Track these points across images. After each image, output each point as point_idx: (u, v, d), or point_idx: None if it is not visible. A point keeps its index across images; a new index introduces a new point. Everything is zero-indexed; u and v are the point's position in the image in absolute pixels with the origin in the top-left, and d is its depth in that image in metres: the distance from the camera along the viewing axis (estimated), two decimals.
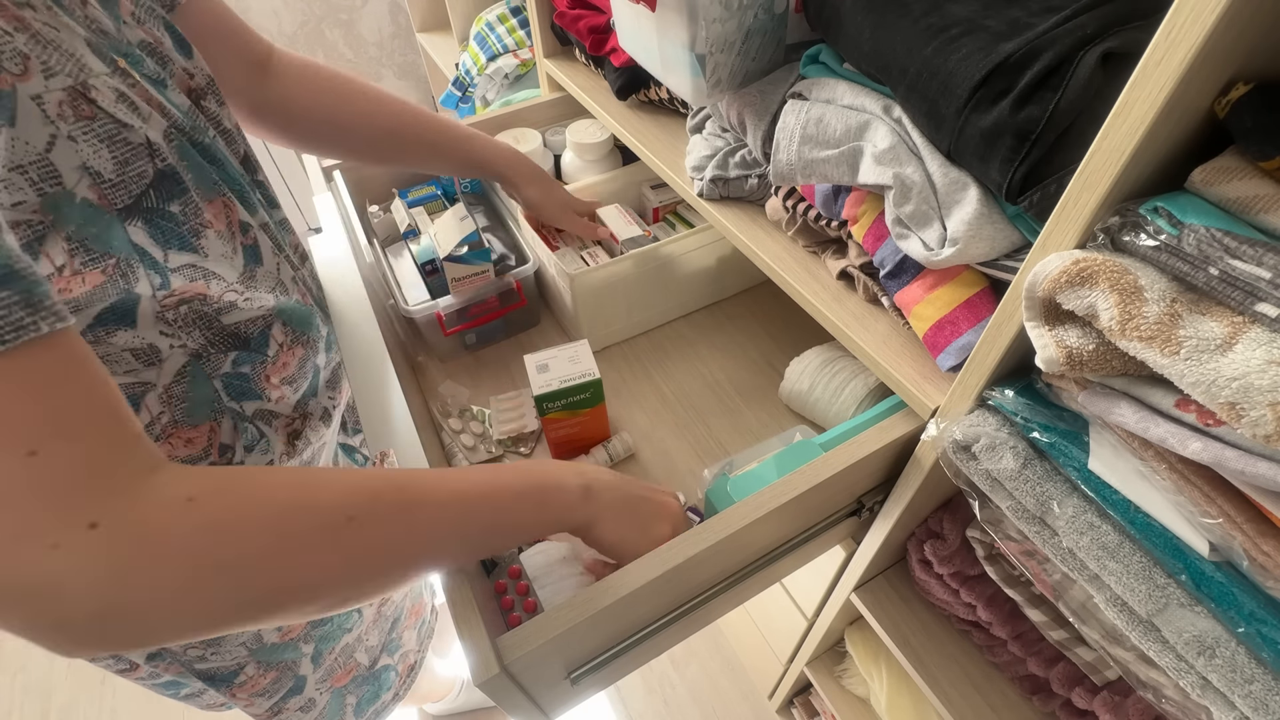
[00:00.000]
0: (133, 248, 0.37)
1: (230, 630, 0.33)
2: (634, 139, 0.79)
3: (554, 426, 0.73)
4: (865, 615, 0.73)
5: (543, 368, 0.71)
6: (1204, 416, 0.34)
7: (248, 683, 0.64)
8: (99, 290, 0.36)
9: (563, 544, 0.67)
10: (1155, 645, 0.40)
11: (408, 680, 0.90)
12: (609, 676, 0.58)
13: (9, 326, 0.27)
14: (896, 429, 0.56)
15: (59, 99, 0.33)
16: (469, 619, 0.46)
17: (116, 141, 0.36)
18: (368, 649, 0.78)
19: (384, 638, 0.81)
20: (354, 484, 0.37)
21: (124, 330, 0.40)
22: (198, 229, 0.41)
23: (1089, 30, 0.38)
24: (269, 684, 0.66)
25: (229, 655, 0.60)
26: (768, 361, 0.88)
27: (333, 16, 1.93)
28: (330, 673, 0.73)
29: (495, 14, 1.39)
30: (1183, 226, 0.33)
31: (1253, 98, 0.32)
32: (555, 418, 0.72)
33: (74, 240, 0.34)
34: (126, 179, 0.36)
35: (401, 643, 0.86)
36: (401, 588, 0.41)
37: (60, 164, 0.33)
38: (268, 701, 0.68)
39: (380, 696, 0.84)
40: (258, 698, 0.67)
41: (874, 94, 0.50)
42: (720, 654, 1.36)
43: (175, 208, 0.40)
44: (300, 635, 0.65)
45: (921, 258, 0.48)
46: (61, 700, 1.33)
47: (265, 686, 0.66)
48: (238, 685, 0.64)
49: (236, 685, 0.64)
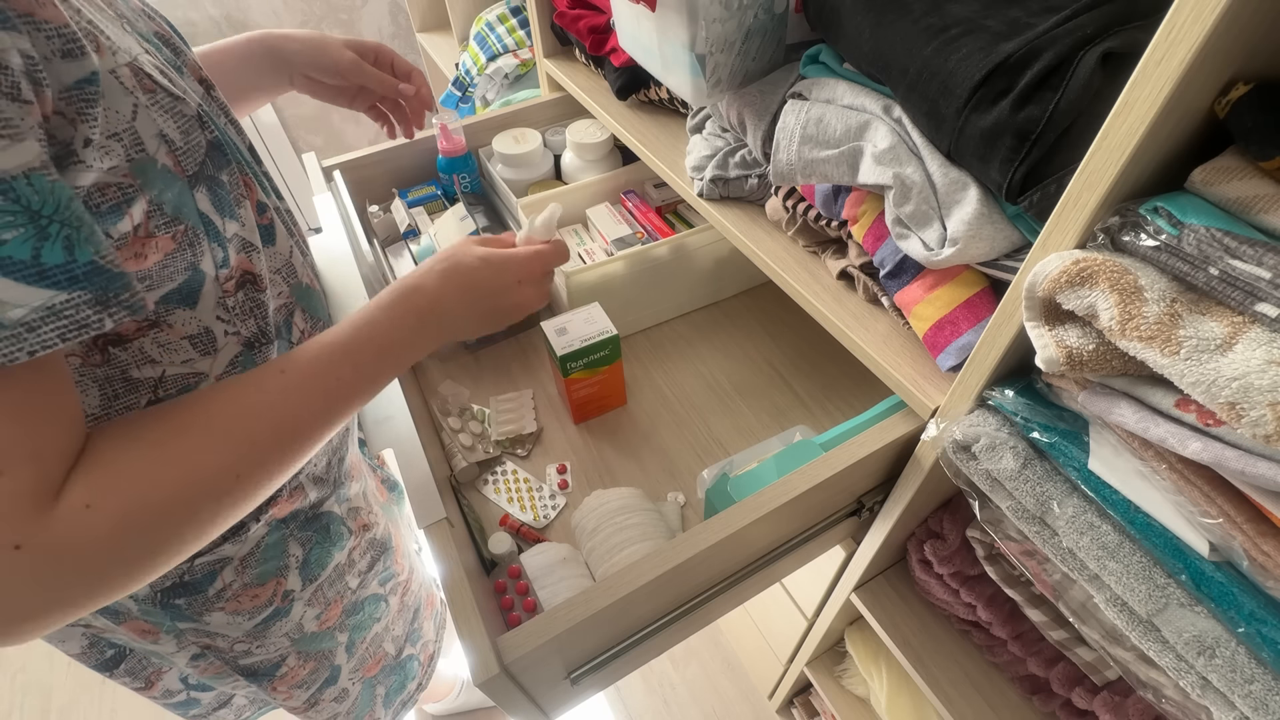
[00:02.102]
0: (199, 215, 0.39)
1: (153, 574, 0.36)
2: (634, 139, 0.79)
3: (575, 386, 0.76)
4: (865, 615, 0.73)
5: (561, 330, 0.74)
6: (1204, 416, 0.34)
7: (289, 674, 0.65)
8: (170, 261, 0.38)
9: (563, 544, 0.67)
10: (1155, 645, 0.40)
11: (429, 670, 0.91)
12: (609, 676, 0.58)
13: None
14: (896, 429, 0.56)
15: (127, 73, 0.34)
16: (469, 619, 0.46)
17: (176, 113, 0.37)
18: (394, 639, 0.79)
19: (407, 627, 0.82)
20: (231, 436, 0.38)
21: (184, 310, 0.41)
22: (239, 199, 0.43)
23: (1089, 30, 0.38)
24: (307, 675, 0.67)
25: (273, 648, 0.61)
26: (768, 361, 0.88)
27: (333, 16, 1.93)
28: (362, 662, 0.74)
29: (495, 14, 1.38)
30: (1183, 226, 0.33)
31: (1253, 98, 0.32)
32: (577, 377, 0.75)
33: (154, 204, 0.36)
34: (190, 147, 0.39)
35: (422, 633, 0.87)
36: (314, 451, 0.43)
37: (143, 131, 0.35)
38: (305, 693, 0.69)
39: (406, 686, 0.86)
40: (296, 689, 0.68)
41: (874, 94, 0.50)
42: (720, 654, 1.36)
43: (225, 176, 0.42)
44: (336, 624, 0.66)
45: (921, 258, 0.48)
46: (61, 700, 1.33)
47: (304, 678, 0.67)
48: (279, 678, 0.65)
49: (279, 678, 0.65)
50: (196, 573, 0.51)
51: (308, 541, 0.58)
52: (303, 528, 0.57)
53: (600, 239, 0.89)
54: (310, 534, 0.58)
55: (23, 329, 0.28)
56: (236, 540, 0.52)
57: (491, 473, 0.77)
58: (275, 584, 0.57)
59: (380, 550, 0.70)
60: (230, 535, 0.51)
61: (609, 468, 0.78)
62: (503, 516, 0.73)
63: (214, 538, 0.39)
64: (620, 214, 0.89)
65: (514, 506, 0.74)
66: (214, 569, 0.52)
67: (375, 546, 0.69)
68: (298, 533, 0.57)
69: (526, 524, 0.72)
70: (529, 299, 0.53)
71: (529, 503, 0.74)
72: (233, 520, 0.39)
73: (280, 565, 0.56)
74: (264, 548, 0.54)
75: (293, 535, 0.57)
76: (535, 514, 0.73)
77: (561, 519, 0.73)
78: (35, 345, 0.29)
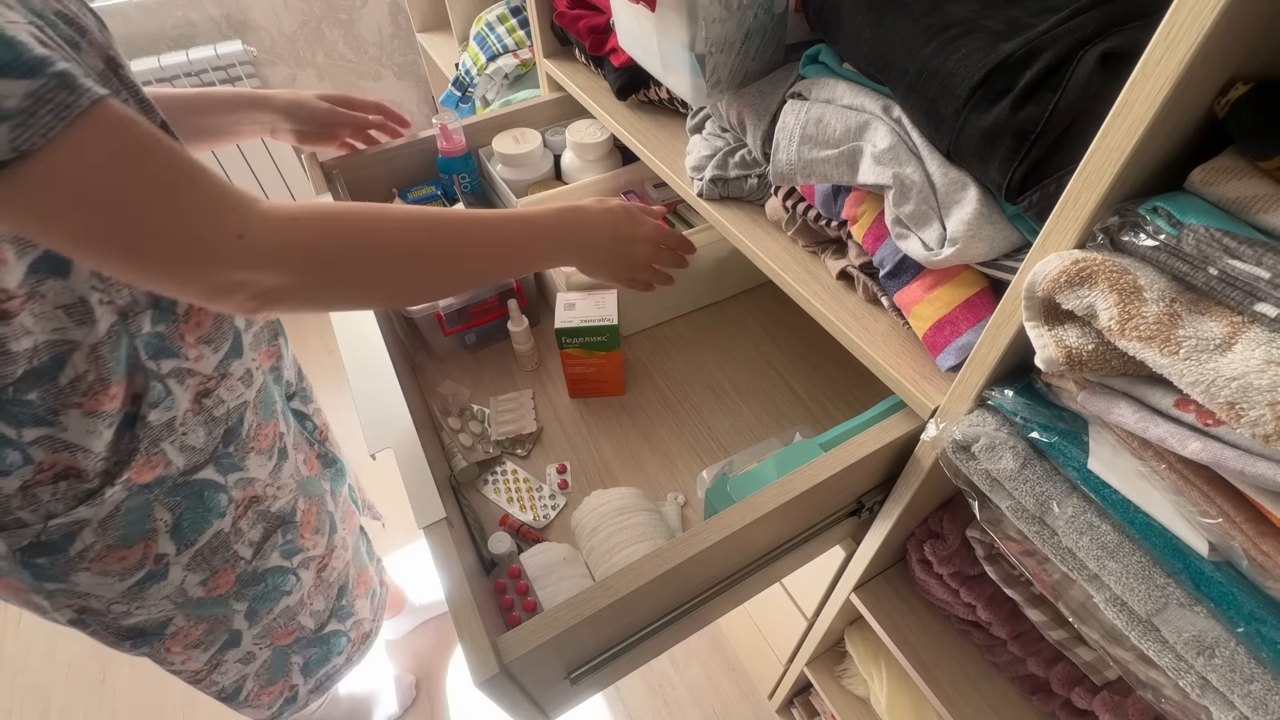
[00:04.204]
0: None
1: (358, 300, 0.50)
2: (634, 139, 0.79)
3: (570, 362, 0.79)
4: (865, 615, 0.73)
5: (570, 305, 0.77)
6: (1203, 416, 0.34)
7: (179, 634, 0.67)
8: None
9: (563, 544, 0.67)
10: (1155, 645, 0.40)
11: (361, 647, 0.94)
12: (609, 676, 0.58)
13: (59, 107, 0.34)
14: (896, 429, 0.55)
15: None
16: (469, 619, 0.46)
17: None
18: (313, 613, 0.81)
19: (330, 604, 0.84)
20: (416, 220, 0.49)
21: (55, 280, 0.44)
22: None
23: (1088, 30, 0.38)
24: (202, 635, 0.69)
25: (155, 609, 0.63)
26: (768, 361, 0.88)
27: (332, 16, 1.93)
28: (270, 631, 0.76)
29: (495, 14, 1.38)
30: (1182, 226, 0.33)
31: (1252, 97, 0.32)
32: (572, 354, 0.78)
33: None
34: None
35: (354, 611, 0.89)
36: (453, 293, 0.56)
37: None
38: (205, 654, 0.71)
39: (330, 660, 0.88)
40: (194, 650, 0.69)
41: (874, 94, 0.50)
42: (720, 654, 1.36)
43: None
44: (229, 593, 0.68)
45: (921, 258, 0.48)
46: (61, 700, 1.33)
47: (199, 638, 0.69)
48: (170, 636, 0.66)
49: (169, 636, 0.66)
50: (52, 533, 0.53)
51: (176, 507, 0.60)
52: (170, 494, 0.59)
53: None
54: (180, 499, 0.60)
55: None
56: (92, 503, 0.53)
57: (491, 473, 0.77)
58: (144, 547, 0.58)
59: (277, 523, 0.71)
60: (85, 498, 0.53)
61: (609, 468, 0.78)
62: (502, 516, 0.73)
63: (384, 302, 0.54)
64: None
65: (514, 506, 0.74)
66: (72, 530, 0.54)
67: (269, 519, 0.70)
68: (164, 498, 0.58)
69: (526, 524, 0.72)
70: (645, 257, 0.64)
71: (529, 503, 0.74)
72: (401, 293, 0.51)
73: (146, 529, 0.58)
74: (124, 511, 0.56)
75: (158, 500, 0.58)
76: (535, 514, 0.73)
77: (561, 519, 0.73)
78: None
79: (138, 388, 0.54)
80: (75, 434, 0.51)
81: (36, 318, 0.44)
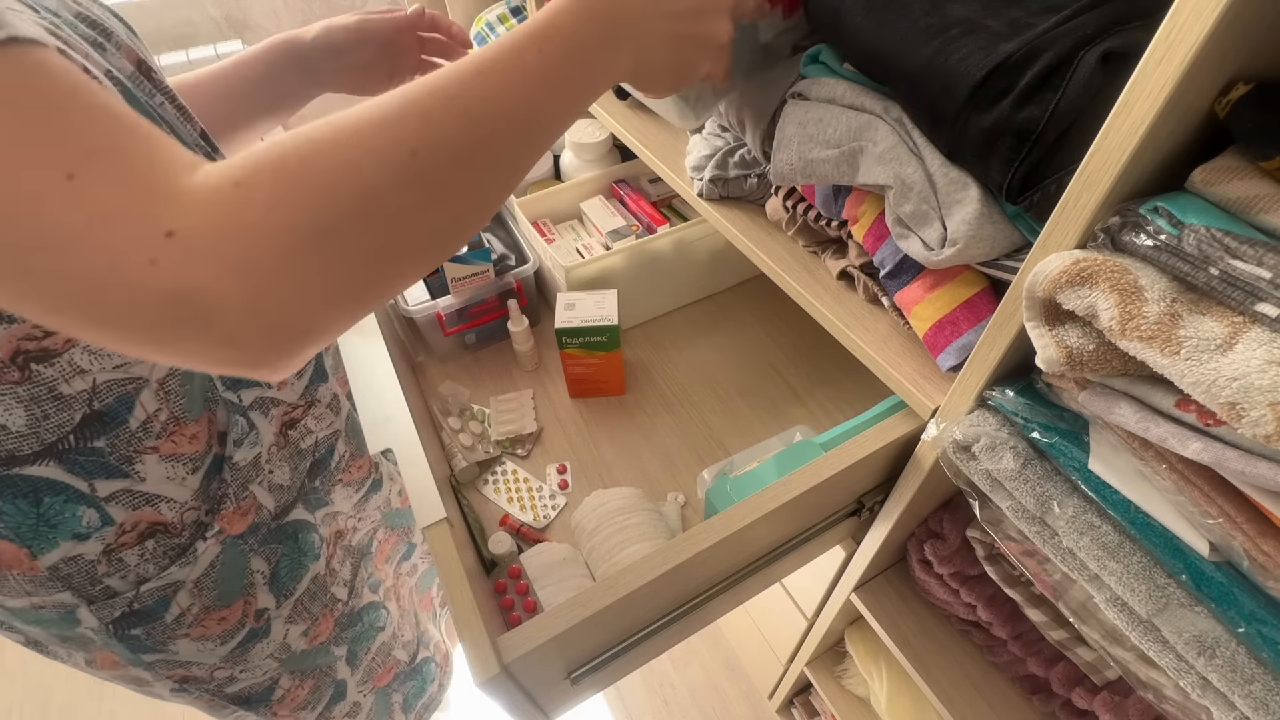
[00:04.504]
0: None
1: (375, 298, 0.32)
2: (634, 139, 0.79)
3: (570, 362, 0.79)
4: (865, 615, 0.73)
5: (570, 305, 0.77)
6: (1204, 416, 0.34)
7: (286, 697, 0.62)
8: None
9: (563, 544, 0.67)
10: (1155, 645, 0.40)
11: (447, 669, 0.90)
12: (609, 676, 0.58)
13: None
14: (896, 429, 0.55)
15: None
16: (469, 619, 0.46)
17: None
18: (404, 644, 0.78)
19: (415, 632, 0.81)
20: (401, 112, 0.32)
21: None
22: None
23: (1089, 30, 0.38)
24: (308, 694, 0.64)
25: (259, 671, 0.58)
26: (767, 361, 0.88)
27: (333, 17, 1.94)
28: (370, 673, 0.72)
29: (495, 14, 1.38)
30: (1183, 226, 0.33)
31: (1253, 98, 0.32)
32: (572, 354, 0.78)
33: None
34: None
35: (429, 633, 0.87)
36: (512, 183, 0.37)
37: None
38: (312, 714, 0.66)
39: (426, 690, 0.85)
40: (301, 711, 0.65)
41: (874, 94, 0.50)
42: (720, 654, 1.36)
43: None
44: (330, 638, 0.64)
45: (922, 258, 0.48)
46: (61, 700, 1.33)
47: (305, 698, 0.64)
48: (277, 702, 0.62)
49: (276, 702, 0.62)
50: (146, 599, 0.47)
51: (272, 555, 0.55)
52: (265, 542, 0.54)
53: (595, 232, 0.89)
54: (275, 546, 0.55)
55: None
56: (184, 562, 0.48)
57: (491, 473, 0.77)
58: (243, 604, 0.53)
59: (359, 556, 0.68)
60: (176, 557, 0.48)
61: (609, 468, 0.78)
62: (503, 516, 0.73)
63: (407, 236, 0.32)
64: (613, 206, 0.89)
65: (514, 506, 0.74)
66: (165, 594, 0.48)
67: (353, 554, 0.66)
68: (259, 547, 0.53)
69: (526, 524, 0.72)
70: (719, 31, 0.45)
71: (529, 503, 0.74)
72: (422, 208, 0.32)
73: (244, 584, 0.53)
74: (219, 566, 0.51)
75: (253, 550, 0.53)
76: (535, 514, 0.73)
77: (561, 519, 0.73)
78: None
79: (220, 425, 0.48)
80: (156, 483, 0.45)
81: (90, 354, 0.39)
